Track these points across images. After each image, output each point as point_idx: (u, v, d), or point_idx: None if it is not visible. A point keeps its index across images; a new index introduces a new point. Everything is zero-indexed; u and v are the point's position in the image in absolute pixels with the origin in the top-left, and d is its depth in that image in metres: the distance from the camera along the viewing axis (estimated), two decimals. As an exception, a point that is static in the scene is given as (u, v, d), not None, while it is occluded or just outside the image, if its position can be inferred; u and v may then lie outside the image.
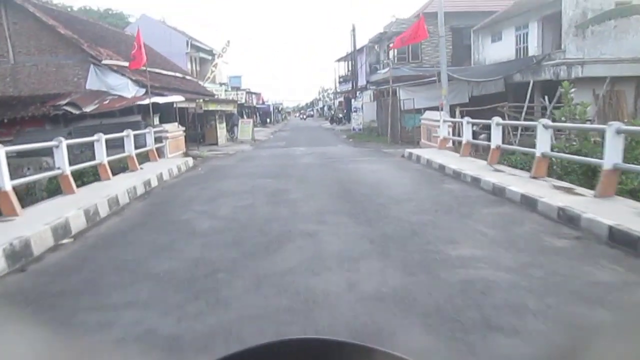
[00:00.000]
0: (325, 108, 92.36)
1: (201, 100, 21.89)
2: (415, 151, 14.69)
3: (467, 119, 12.66)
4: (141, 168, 12.85)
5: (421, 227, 6.22)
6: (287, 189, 9.63)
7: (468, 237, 5.66)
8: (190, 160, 15.53)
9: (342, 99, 64.06)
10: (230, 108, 27.13)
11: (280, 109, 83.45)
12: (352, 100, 33.08)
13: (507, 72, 22.58)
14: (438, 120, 15.80)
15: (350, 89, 50.29)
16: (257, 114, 58.98)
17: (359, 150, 19.33)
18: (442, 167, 11.49)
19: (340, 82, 57.29)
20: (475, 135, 17.19)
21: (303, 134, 33.52)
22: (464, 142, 12.66)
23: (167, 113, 18.59)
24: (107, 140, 14.11)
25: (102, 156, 10.68)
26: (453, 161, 11.77)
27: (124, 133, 12.63)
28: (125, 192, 9.29)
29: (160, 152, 15.82)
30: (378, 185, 9.79)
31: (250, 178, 11.63)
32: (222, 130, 26.35)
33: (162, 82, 21.13)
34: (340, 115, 50.71)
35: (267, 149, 21.99)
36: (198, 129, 26.22)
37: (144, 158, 14.90)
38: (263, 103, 59.96)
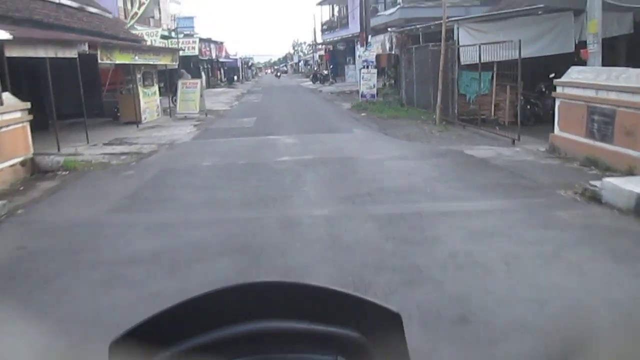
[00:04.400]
0: (301, 63, 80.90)
1: (96, 48, 11.30)
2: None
3: None
4: None
5: None
6: None
7: None
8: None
9: (323, 52, 53.26)
10: (166, 61, 16.51)
11: (250, 64, 71.62)
12: (361, 49, 22.65)
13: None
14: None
15: (338, 38, 39.56)
16: (222, 70, 47.73)
17: (415, 150, 9.21)
18: None
19: (323, 31, 46.31)
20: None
21: (282, 101, 22.99)
22: None
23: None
24: None
25: None
26: None
27: None
28: None
29: None
30: None
31: None
32: (150, 99, 15.81)
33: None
34: (326, 72, 40.06)
35: (220, 138, 11.66)
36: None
37: None
38: (228, 56, 48.42)
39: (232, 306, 0.62)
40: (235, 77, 50.79)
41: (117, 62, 13.02)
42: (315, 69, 50.06)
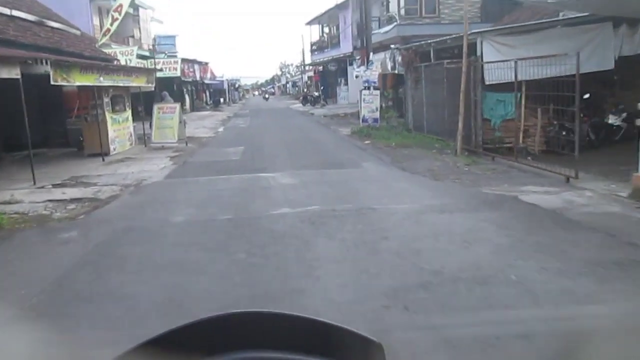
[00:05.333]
0: (289, 85, 79.22)
1: (47, 65, 9.12)
2: None
3: None
4: None
5: None
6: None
7: None
8: None
9: (312, 73, 51.63)
10: (140, 83, 14.38)
11: (237, 86, 69.64)
12: (359, 68, 20.69)
13: None
14: None
15: (329, 58, 37.83)
16: (207, 93, 45.68)
17: (451, 195, 7.08)
18: None
19: (312, 51, 44.68)
20: None
21: (273, 126, 20.92)
22: None
23: None
24: None
25: None
26: None
27: None
28: None
29: None
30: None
31: None
32: (120, 126, 13.61)
33: None
34: (317, 94, 38.27)
35: (199, 176, 9.45)
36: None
37: None
38: (214, 78, 46.36)
39: (214, 336, 0.61)
40: (222, 99, 48.71)
41: (77, 83, 10.85)
42: (305, 90, 48.37)
